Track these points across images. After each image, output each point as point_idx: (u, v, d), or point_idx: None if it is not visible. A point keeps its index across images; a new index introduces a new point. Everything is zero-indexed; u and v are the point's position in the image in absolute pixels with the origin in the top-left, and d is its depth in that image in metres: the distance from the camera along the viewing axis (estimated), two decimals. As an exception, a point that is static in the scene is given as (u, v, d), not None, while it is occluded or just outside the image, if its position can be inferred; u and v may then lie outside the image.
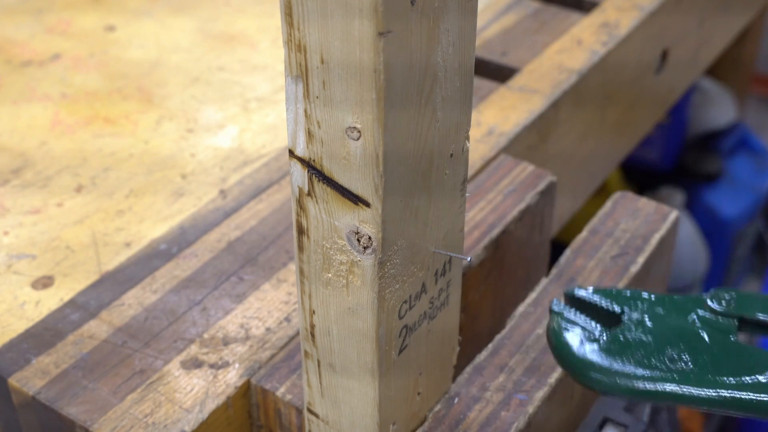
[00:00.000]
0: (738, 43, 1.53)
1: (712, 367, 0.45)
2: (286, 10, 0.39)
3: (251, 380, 0.55)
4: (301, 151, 0.42)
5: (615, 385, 0.46)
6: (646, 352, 0.46)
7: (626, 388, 0.45)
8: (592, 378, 0.46)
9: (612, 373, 0.46)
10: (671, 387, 0.45)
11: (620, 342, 0.47)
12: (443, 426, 0.52)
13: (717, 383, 0.45)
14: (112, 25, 0.92)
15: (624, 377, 0.45)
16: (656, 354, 0.46)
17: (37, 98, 0.82)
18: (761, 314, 0.49)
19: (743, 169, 1.62)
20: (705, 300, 0.50)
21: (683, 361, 0.46)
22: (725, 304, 0.49)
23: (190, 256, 0.64)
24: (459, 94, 0.43)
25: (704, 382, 0.45)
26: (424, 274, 0.46)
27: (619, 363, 0.46)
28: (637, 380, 0.45)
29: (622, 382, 0.45)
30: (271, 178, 0.72)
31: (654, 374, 0.45)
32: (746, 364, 0.46)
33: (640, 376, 0.45)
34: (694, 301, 0.50)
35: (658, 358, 0.46)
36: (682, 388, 0.45)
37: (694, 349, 0.47)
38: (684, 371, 0.45)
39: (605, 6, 0.90)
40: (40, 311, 0.61)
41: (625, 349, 0.47)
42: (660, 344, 0.47)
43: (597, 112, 0.87)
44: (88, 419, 0.53)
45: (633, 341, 0.47)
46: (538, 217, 0.68)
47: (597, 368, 0.46)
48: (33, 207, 0.70)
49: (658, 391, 0.45)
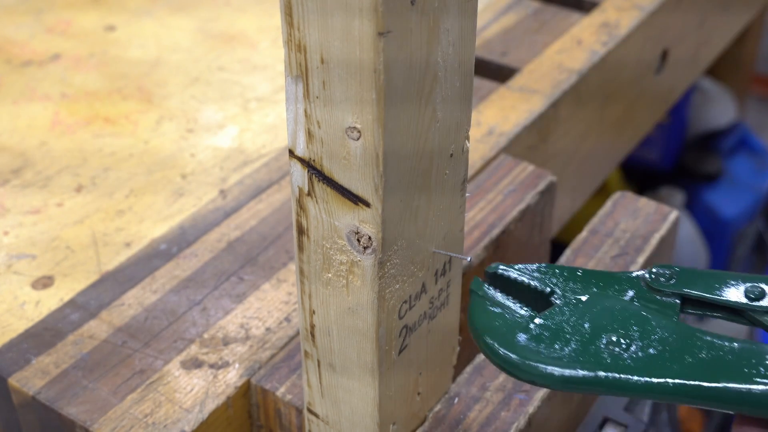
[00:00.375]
0: (738, 43, 1.53)
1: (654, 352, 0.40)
2: (286, 10, 0.39)
3: (251, 380, 0.55)
4: (301, 151, 0.42)
5: (545, 375, 0.40)
6: (580, 336, 0.41)
7: (559, 378, 0.40)
8: (519, 368, 0.41)
9: (542, 360, 0.40)
10: (609, 375, 0.40)
11: (551, 327, 0.42)
12: (443, 426, 0.52)
13: (659, 370, 0.40)
14: (112, 25, 0.92)
15: (555, 366, 0.40)
16: (591, 339, 0.41)
17: (37, 98, 0.82)
18: (705, 292, 0.44)
19: (743, 169, 1.62)
20: (643, 276, 0.45)
21: (621, 346, 0.41)
22: (665, 281, 0.44)
23: (190, 256, 0.64)
24: (459, 94, 0.43)
25: (645, 369, 0.40)
26: (424, 274, 0.46)
27: (549, 350, 0.41)
28: (571, 368, 0.40)
29: (552, 371, 0.40)
30: (271, 178, 0.72)
31: (590, 361, 0.40)
32: (691, 348, 0.40)
33: (575, 364, 0.40)
34: (632, 278, 0.45)
35: (593, 344, 0.41)
36: (621, 376, 0.39)
37: (634, 333, 0.41)
38: (622, 357, 0.40)
39: (605, 6, 0.90)
40: (40, 311, 0.61)
41: (557, 334, 0.41)
42: (595, 328, 0.42)
43: (597, 112, 0.87)
44: (88, 419, 0.53)
45: (566, 325, 0.42)
46: (538, 217, 0.68)
47: (525, 356, 0.41)
48: (33, 207, 0.70)
49: (594, 380, 0.40)
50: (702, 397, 0.39)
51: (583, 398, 0.61)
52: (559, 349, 0.41)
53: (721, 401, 0.39)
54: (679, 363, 0.40)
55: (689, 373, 0.39)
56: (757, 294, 0.43)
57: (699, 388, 0.39)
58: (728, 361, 0.40)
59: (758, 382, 0.38)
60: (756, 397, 0.38)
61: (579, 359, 0.40)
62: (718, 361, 0.40)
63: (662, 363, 0.40)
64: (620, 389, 0.40)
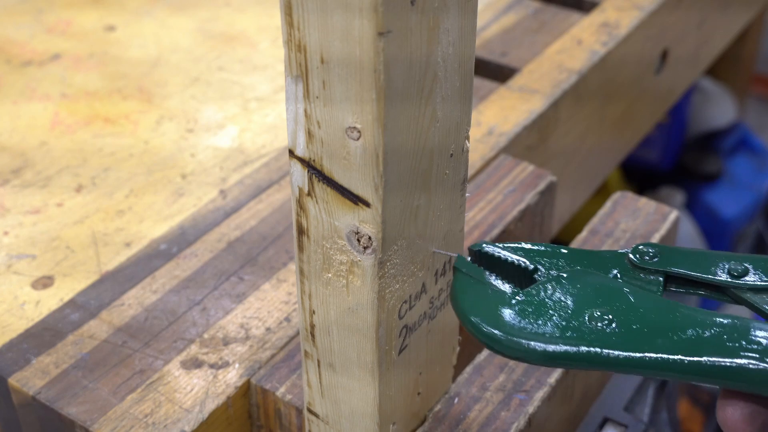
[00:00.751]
0: (738, 43, 1.53)
1: (637, 326, 0.40)
2: (286, 10, 0.39)
3: (251, 380, 0.55)
4: (301, 151, 0.42)
5: (528, 350, 0.40)
6: (564, 312, 0.41)
7: (542, 354, 0.40)
8: (502, 343, 0.41)
9: (525, 336, 0.40)
10: (592, 350, 0.40)
11: (534, 303, 0.42)
12: (443, 426, 0.52)
13: (643, 344, 0.40)
14: (112, 25, 0.92)
15: (539, 341, 0.40)
16: (575, 315, 0.41)
17: (37, 98, 0.82)
18: (689, 270, 0.44)
19: (743, 169, 1.62)
20: (626, 254, 0.45)
21: (605, 322, 0.41)
22: (648, 259, 0.44)
23: (190, 256, 0.64)
24: (459, 94, 0.42)
25: (628, 344, 0.40)
26: (424, 274, 0.46)
27: (533, 326, 0.41)
28: (553, 344, 0.40)
29: (536, 346, 0.40)
30: (271, 178, 0.72)
31: (573, 337, 0.40)
32: (674, 323, 0.40)
33: (557, 339, 0.40)
34: (616, 256, 0.45)
35: (577, 319, 0.41)
36: (604, 351, 0.40)
37: (617, 308, 0.41)
38: (606, 332, 0.40)
39: (605, 6, 0.90)
40: (40, 311, 0.61)
41: (539, 310, 0.41)
42: (579, 304, 0.41)
43: (597, 112, 0.87)
44: (88, 419, 0.53)
45: (549, 301, 0.42)
46: (538, 217, 0.68)
47: (508, 332, 0.41)
48: (33, 207, 0.70)
49: (577, 355, 0.40)
50: (686, 371, 0.39)
51: (582, 398, 0.61)
52: (542, 324, 0.41)
53: (704, 375, 0.39)
54: (663, 337, 0.40)
55: (673, 347, 0.39)
56: (740, 272, 0.43)
57: (682, 362, 0.39)
58: (712, 336, 0.40)
59: (742, 356, 0.39)
60: (739, 371, 0.38)
61: (562, 335, 0.40)
62: (701, 336, 0.40)
63: (646, 338, 0.40)
64: (604, 364, 0.40)
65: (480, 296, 0.43)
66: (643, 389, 0.67)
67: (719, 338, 0.40)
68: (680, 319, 0.41)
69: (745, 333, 0.39)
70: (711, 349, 0.39)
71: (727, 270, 0.43)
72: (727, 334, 0.40)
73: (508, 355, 0.41)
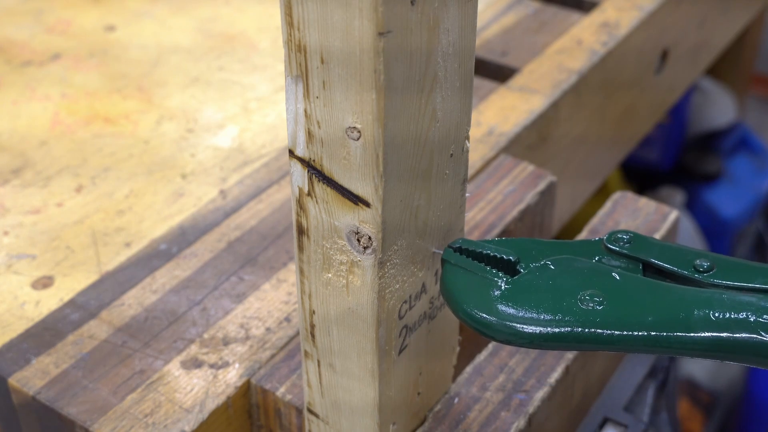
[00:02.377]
0: (738, 43, 1.53)
1: (627, 305, 0.41)
2: (286, 10, 0.39)
3: (251, 380, 0.55)
4: (301, 151, 0.42)
5: (522, 333, 0.41)
6: (555, 295, 0.42)
7: (535, 336, 0.41)
8: (494, 328, 0.41)
9: (518, 320, 0.41)
10: (583, 330, 0.41)
11: (525, 288, 0.43)
12: (443, 426, 0.52)
13: (634, 322, 0.41)
14: (112, 25, 0.92)
15: (532, 324, 0.41)
16: (566, 296, 0.42)
17: (37, 98, 0.82)
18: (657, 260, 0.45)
19: (743, 169, 1.62)
20: (602, 241, 0.46)
21: (596, 302, 0.41)
22: (623, 245, 0.45)
23: (190, 256, 0.64)
24: (459, 94, 0.43)
25: (620, 323, 0.41)
26: (424, 274, 0.46)
27: (525, 309, 0.41)
28: (547, 326, 0.41)
29: (530, 329, 0.41)
30: (271, 178, 0.72)
31: (565, 318, 0.41)
32: (663, 301, 0.41)
33: (550, 321, 0.41)
34: (593, 244, 0.46)
35: (566, 301, 0.42)
36: (597, 331, 0.41)
37: (606, 289, 0.42)
38: (598, 311, 0.41)
39: (605, 6, 0.90)
40: (40, 311, 0.61)
41: (530, 294, 0.42)
42: (569, 286, 0.42)
43: (597, 112, 0.87)
44: (88, 419, 0.53)
45: (539, 285, 0.43)
46: (538, 217, 0.68)
47: (500, 317, 0.41)
48: (33, 207, 0.70)
49: (571, 335, 0.41)
50: (678, 347, 0.40)
51: (582, 398, 0.61)
52: (534, 307, 0.42)
53: (696, 351, 0.40)
54: (653, 315, 0.41)
55: (664, 324, 0.40)
56: (705, 267, 0.44)
57: (674, 338, 0.40)
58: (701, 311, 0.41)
59: (734, 330, 0.40)
60: (731, 343, 0.40)
61: (555, 316, 0.41)
62: (690, 311, 0.41)
63: (637, 316, 0.41)
64: (597, 343, 0.41)
65: (470, 285, 0.43)
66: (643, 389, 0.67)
67: (708, 313, 0.41)
68: (668, 297, 0.42)
69: (733, 306, 0.41)
70: (701, 324, 0.40)
71: (693, 265, 0.44)
72: (716, 308, 0.41)
73: (500, 340, 0.42)
